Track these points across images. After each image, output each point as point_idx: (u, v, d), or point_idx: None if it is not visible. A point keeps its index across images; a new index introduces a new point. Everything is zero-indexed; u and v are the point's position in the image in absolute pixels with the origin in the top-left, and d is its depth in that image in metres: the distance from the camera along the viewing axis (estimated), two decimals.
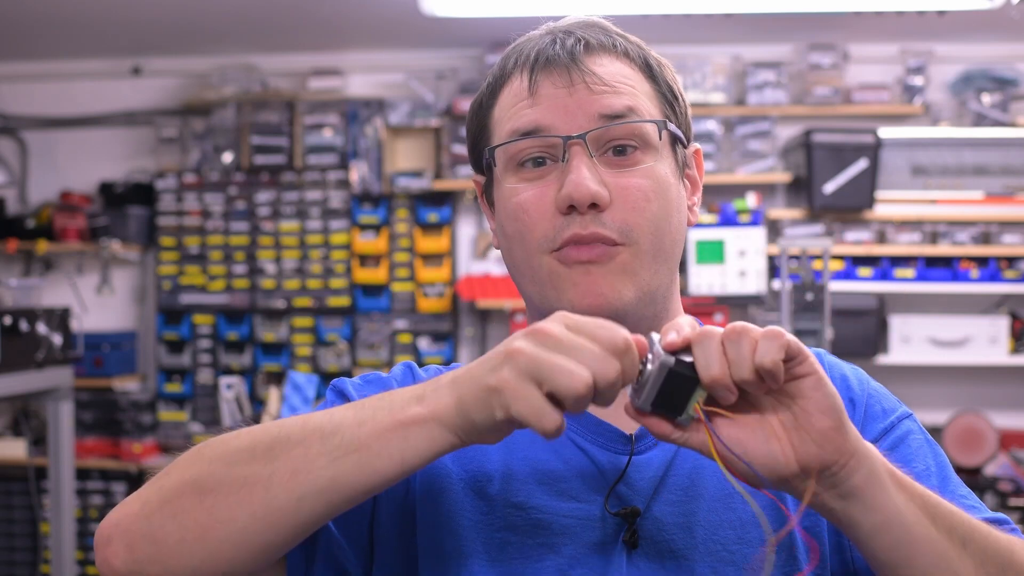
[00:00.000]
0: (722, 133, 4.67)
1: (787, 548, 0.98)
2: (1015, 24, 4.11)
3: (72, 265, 5.01)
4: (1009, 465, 4.29)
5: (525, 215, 0.99)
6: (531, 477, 1.00)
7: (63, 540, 3.85)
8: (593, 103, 0.97)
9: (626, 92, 0.98)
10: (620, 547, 0.97)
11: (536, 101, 0.98)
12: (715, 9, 4.00)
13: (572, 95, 0.97)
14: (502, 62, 1.04)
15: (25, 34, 4.59)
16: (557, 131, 0.97)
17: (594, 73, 0.98)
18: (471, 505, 0.99)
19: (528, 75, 0.99)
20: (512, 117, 1.00)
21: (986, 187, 4.52)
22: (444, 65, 4.79)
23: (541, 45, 1.01)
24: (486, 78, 1.07)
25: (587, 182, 0.95)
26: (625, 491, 0.99)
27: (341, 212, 4.83)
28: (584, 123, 0.97)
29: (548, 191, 0.98)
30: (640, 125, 0.99)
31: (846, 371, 1.10)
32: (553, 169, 0.98)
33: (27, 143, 5.11)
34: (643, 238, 0.98)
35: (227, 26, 4.49)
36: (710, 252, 4.43)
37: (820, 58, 4.64)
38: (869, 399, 1.08)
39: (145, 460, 4.77)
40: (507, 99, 1.02)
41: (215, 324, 4.89)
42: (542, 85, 0.98)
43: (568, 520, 0.98)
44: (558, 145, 0.97)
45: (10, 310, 3.60)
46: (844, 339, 4.16)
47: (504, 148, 1.00)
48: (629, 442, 1.01)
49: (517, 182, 1.00)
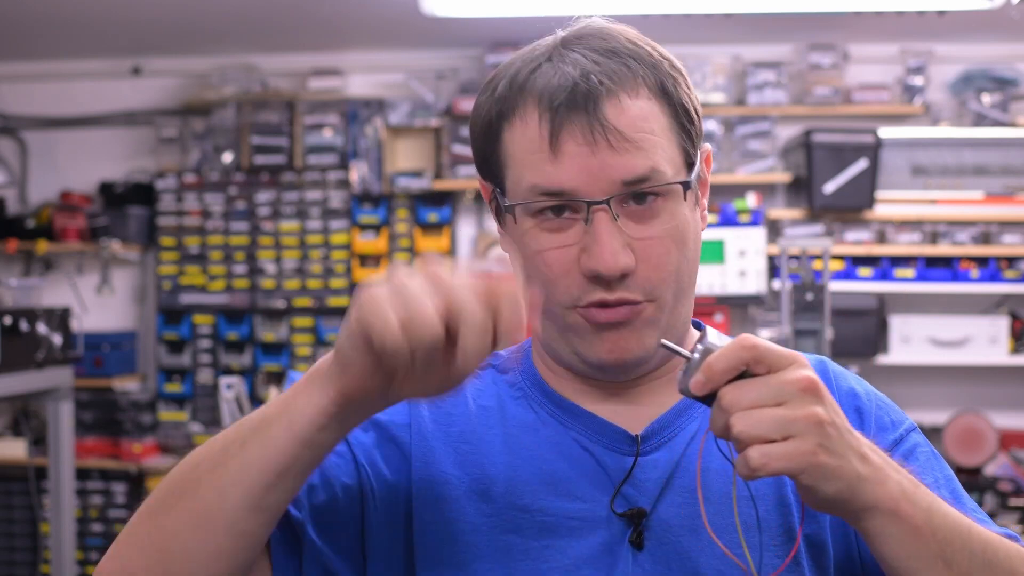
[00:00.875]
0: (722, 133, 4.67)
1: (785, 538, 0.99)
2: (1015, 24, 4.11)
3: (72, 265, 5.01)
4: (1009, 465, 4.29)
5: (548, 270, 0.98)
6: (535, 479, 1.00)
7: (63, 540, 3.85)
8: (616, 166, 0.95)
9: (647, 146, 0.96)
10: (626, 548, 0.98)
11: (558, 159, 0.96)
12: (715, 9, 4.00)
13: (595, 155, 0.95)
14: (514, 81, 1.00)
15: (25, 34, 4.59)
16: (580, 194, 0.96)
17: (616, 129, 0.95)
18: (474, 509, 0.99)
19: (548, 124, 0.96)
20: (531, 169, 0.98)
21: (986, 187, 4.52)
22: (444, 65, 4.79)
23: (559, 82, 0.97)
24: (494, 84, 1.02)
25: (615, 256, 0.95)
26: (631, 492, 0.99)
27: (341, 212, 4.83)
28: (607, 187, 0.96)
29: (571, 250, 0.97)
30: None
31: (852, 383, 1.10)
32: (574, 223, 0.97)
33: (27, 143, 5.11)
34: (666, 292, 0.99)
35: (227, 26, 4.49)
36: (710, 252, 4.43)
37: (820, 58, 4.64)
38: (878, 410, 1.09)
39: (145, 460, 4.77)
40: (522, 138, 0.98)
41: (215, 324, 4.89)
42: (564, 141, 0.95)
43: (573, 522, 0.98)
44: (582, 207, 0.97)
45: (10, 310, 3.59)
46: (844, 339, 4.16)
47: (525, 205, 0.99)
48: (635, 443, 1.01)
49: (539, 232, 0.99)
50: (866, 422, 1.07)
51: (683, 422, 1.03)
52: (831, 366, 1.10)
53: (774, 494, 1.01)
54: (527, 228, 0.99)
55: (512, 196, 1.00)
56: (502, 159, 1.01)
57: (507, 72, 1.02)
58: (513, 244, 1.03)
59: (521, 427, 1.04)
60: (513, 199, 1.00)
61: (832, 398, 0.86)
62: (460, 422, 1.04)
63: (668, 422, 1.03)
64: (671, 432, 1.03)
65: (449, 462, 1.01)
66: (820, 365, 1.09)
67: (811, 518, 1.01)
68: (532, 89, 0.98)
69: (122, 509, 4.77)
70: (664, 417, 1.03)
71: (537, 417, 1.04)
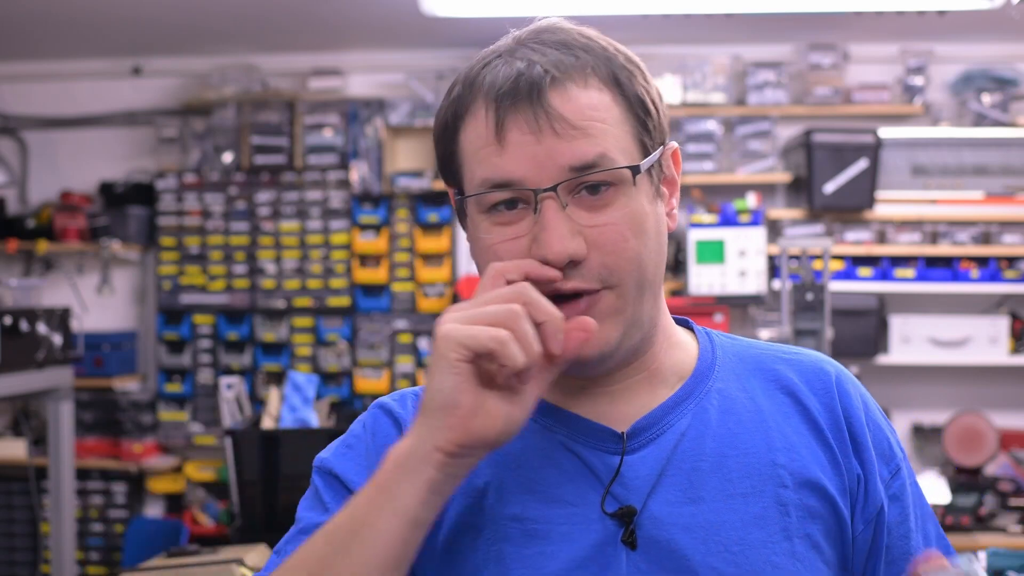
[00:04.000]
0: (722, 133, 4.67)
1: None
2: (1015, 24, 4.11)
3: (72, 265, 5.01)
4: (1009, 465, 4.29)
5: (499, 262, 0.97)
6: (523, 487, 0.99)
7: (63, 540, 3.85)
8: (563, 153, 0.94)
9: (596, 133, 0.95)
10: (619, 548, 0.97)
11: (504, 149, 0.95)
12: (715, 9, 4.00)
13: (540, 143, 0.94)
14: (467, 81, 1.00)
15: (25, 34, 4.59)
16: (527, 183, 0.95)
17: (561, 116, 0.94)
18: (464, 522, 0.99)
19: (493, 115, 0.96)
20: (481, 163, 0.97)
21: (986, 187, 4.52)
22: (444, 65, 4.79)
23: (505, 74, 0.96)
24: (450, 87, 1.02)
25: (563, 241, 0.94)
26: (621, 491, 0.98)
27: (341, 212, 4.83)
28: (554, 174, 0.94)
29: (521, 241, 0.96)
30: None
31: (868, 399, 1.10)
32: (525, 215, 0.96)
33: (27, 143, 5.11)
34: (626, 278, 0.97)
35: (227, 26, 4.50)
36: (710, 252, 4.43)
37: (820, 58, 4.64)
38: (879, 431, 1.08)
39: (145, 460, 4.77)
40: (473, 134, 0.98)
41: (215, 324, 4.89)
42: (509, 131, 0.95)
43: (564, 527, 0.97)
44: (530, 196, 0.95)
45: (10, 310, 3.60)
46: (844, 339, 4.16)
47: (477, 198, 0.98)
48: (620, 440, 1.00)
49: (491, 226, 0.98)
50: (860, 439, 1.06)
51: (672, 419, 1.02)
52: (849, 381, 1.09)
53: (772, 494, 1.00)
54: (480, 223, 0.99)
55: (468, 193, 1.00)
56: (459, 159, 1.00)
57: (462, 75, 1.02)
58: (470, 239, 1.02)
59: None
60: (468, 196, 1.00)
61: None
62: None
63: (656, 419, 1.02)
64: (659, 429, 1.01)
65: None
66: (837, 377, 1.08)
67: (811, 518, 1.01)
68: (481, 85, 0.97)
69: (122, 509, 4.78)
70: (652, 414, 1.02)
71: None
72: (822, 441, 1.04)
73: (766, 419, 1.04)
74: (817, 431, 1.05)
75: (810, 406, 1.06)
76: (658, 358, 1.04)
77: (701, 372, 1.06)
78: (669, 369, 1.05)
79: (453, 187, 1.04)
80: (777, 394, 1.06)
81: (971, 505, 4.03)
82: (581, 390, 1.03)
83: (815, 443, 1.04)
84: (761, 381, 1.07)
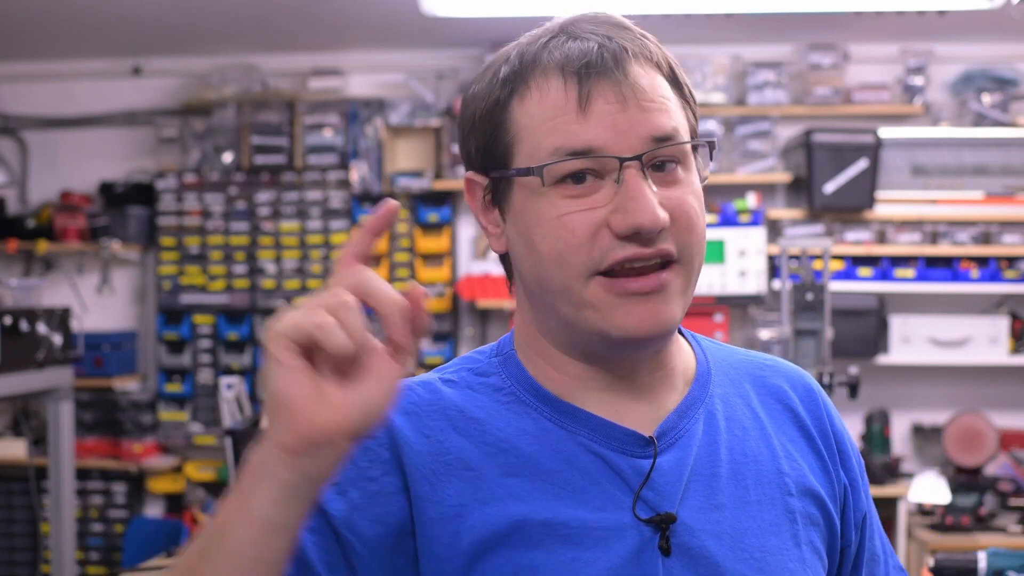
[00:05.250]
0: (722, 133, 4.67)
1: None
2: (1015, 24, 4.11)
3: (72, 265, 5.01)
4: (1009, 465, 4.29)
5: (570, 235, 0.94)
6: (548, 491, 0.96)
7: (63, 540, 3.85)
8: (645, 123, 0.94)
9: (669, 110, 0.96)
10: (656, 554, 0.95)
11: (588, 118, 0.93)
12: (715, 9, 4.00)
13: (624, 112, 0.93)
14: (524, 58, 0.98)
15: (25, 34, 4.59)
16: (611, 151, 0.93)
17: (643, 89, 0.94)
18: (493, 532, 0.95)
19: (575, 85, 0.94)
20: (557, 132, 0.94)
21: (986, 187, 4.52)
22: (444, 65, 4.79)
23: (581, 48, 0.95)
24: (493, 69, 1.00)
25: (656, 210, 0.92)
26: (650, 496, 0.96)
27: (341, 212, 4.83)
28: (636, 144, 0.93)
29: (598, 212, 0.94)
30: (683, 145, 0.97)
31: (829, 403, 1.12)
32: (599, 187, 0.94)
33: (27, 143, 5.11)
34: (696, 258, 0.97)
35: (227, 26, 4.49)
36: (710, 252, 4.39)
37: (820, 58, 4.64)
38: (851, 439, 1.11)
39: (145, 460, 4.77)
40: (540, 106, 0.95)
41: (215, 324, 4.89)
42: (594, 100, 0.93)
43: (598, 531, 0.95)
44: (611, 165, 0.94)
45: (10, 310, 3.60)
46: (844, 339, 4.16)
47: (550, 168, 0.94)
48: (648, 444, 0.98)
49: (559, 198, 0.94)
50: (845, 449, 1.09)
51: (687, 424, 1.01)
52: (821, 390, 1.12)
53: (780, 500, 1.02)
54: (547, 196, 0.95)
55: (529, 167, 0.96)
56: (511, 136, 0.97)
57: (507, 57, 0.99)
58: (520, 226, 0.98)
59: (521, 436, 0.99)
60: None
61: None
62: (455, 448, 0.98)
63: (673, 423, 1.01)
64: (676, 433, 1.00)
65: (455, 492, 0.96)
66: (809, 387, 1.11)
67: (812, 525, 1.02)
68: (549, 60, 0.96)
69: (122, 509, 4.78)
70: (671, 417, 1.01)
71: (535, 424, 0.99)
72: (814, 450, 1.06)
73: (765, 426, 1.05)
74: (810, 440, 1.06)
75: (801, 414, 1.07)
76: (674, 356, 1.04)
77: (702, 376, 1.05)
78: (679, 369, 1.04)
79: (488, 172, 1.00)
80: (770, 402, 1.07)
81: (971, 505, 4.03)
82: (604, 388, 1.00)
83: (809, 452, 1.05)
84: (754, 388, 1.08)
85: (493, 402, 1.01)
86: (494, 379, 1.03)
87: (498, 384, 1.02)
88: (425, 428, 0.98)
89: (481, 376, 1.04)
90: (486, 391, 1.02)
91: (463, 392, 1.02)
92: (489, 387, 1.02)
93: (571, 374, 1.01)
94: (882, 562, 1.11)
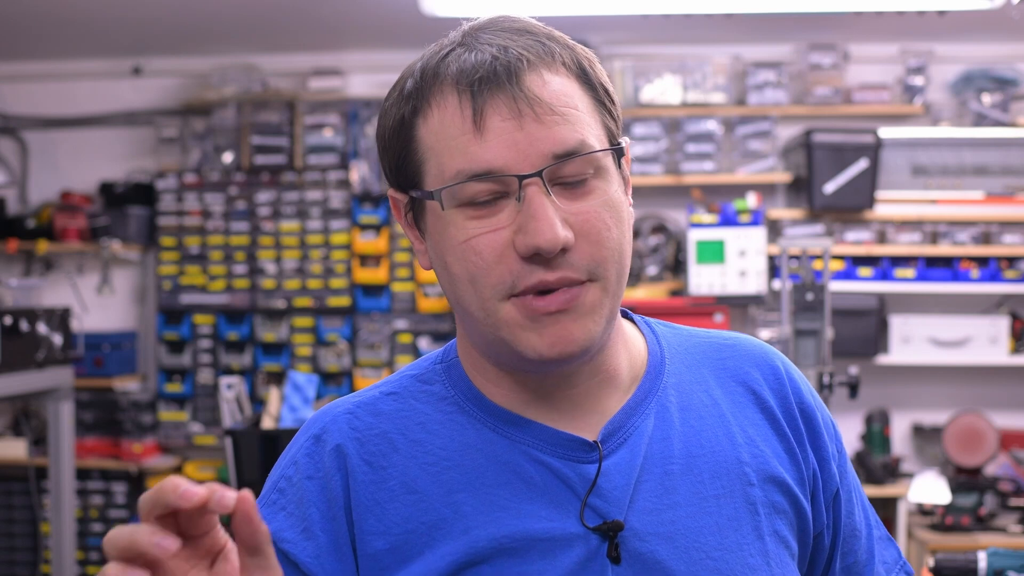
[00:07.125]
0: (722, 133, 4.67)
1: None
2: (1015, 24, 4.11)
3: (72, 265, 5.01)
4: (1009, 465, 4.29)
5: (478, 258, 0.91)
6: (494, 505, 0.94)
7: (63, 540, 3.85)
8: (545, 139, 0.90)
9: (574, 119, 0.91)
10: (604, 563, 0.93)
11: (484, 137, 0.90)
12: (715, 9, 4.00)
13: (522, 128, 0.89)
14: (424, 73, 0.94)
15: (25, 34, 4.59)
16: (510, 170, 0.89)
17: (540, 100, 0.90)
18: (439, 554, 0.94)
19: (469, 102, 0.90)
20: (456, 153, 0.91)
21: (986, 187, 4.52)
22: None
23: (476, 60, 0.91)
24: (400, 84, 0.97)
25: (554, 229, 0.89)
26: (597, 502, 0.94)
27: (341, 212, 4.83)
28: (537, 161, 0.90)
29: (503, 233, 0.90)
30: (592, 155, 0.93)
31: (802, 386, 1.07)
32: (504, 207, 0.91)
33: (27, 143, 5.11)
34: (610, 269, 0.93)
35: (227, 26, 4.50)
36: (710, 252, 4.43)
37: (820, 58, 4.64)
38: (824, 411, 1.07)
39: (145, 460, 4.77)
40: (440, 125, 0.92)
41: (215, 324, 4.89)
42: (488, 117, 0.90)
43: (544, 543, 0.93)
44: (513, 184, 0.90)
45: (10, 310, 3.60)
46: (844, 339, 4.17)
47: (451, 191, 0.91)
48: (593, 449, 0.95)
49: (464, 220, 0.92)
50: (815, 426, 1.05)
51: (635, 421, 0.98)
52: (788, 365, 1.07)
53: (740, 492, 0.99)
54: (452, 220, 0.92)
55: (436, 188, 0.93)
56: (419, 156, 0.94)
57: (412, 71, 0.96)
58: (434, 247, 0.96)
59: (464, 451, 0.97)
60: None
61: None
62: (397, 473, 0.97)
63: (619, 424, 0.98)
64: (624, 433, 0.97)
65: (400, 518, 0.95)
66: (774, 365, 1.06)
67: (777, 514, 0.99)
68: (446, 74, 0.92)
69: (122, 509, 4.78)
70: (616, 418, 0.98)
71: (479, 435, 0.97)
72: (779, 432, 1.02)
73: (724, 413, 1.01)
74: (773, 421, 1.03)
75: (764, 395, 1.03)
76: (614, 357, 1.00)
77: (654, 369, 1.02)
78: (624, 369, 1.01)
79: (405, 190, 0.98)
80: (730, 384, 1.04)
81: (971, 505, 4.03)
82: (542, 397, 0.98)
83: (772, 435, 1.02)
84: (712, 372, 1.04)
85: (436, 412, 1.00)
86: (437, 387, 1.01)
87: (441, 393, 1.01)
88: (367, 455, 0.98)
89: (425, 384, 1.02)
90: (429, 400, 1.01)
91: (406, 404, 1.01)
92: (432, 396, 1.01)
93: (507, 386, 0.99)
94: (863, 536, 1.08)
